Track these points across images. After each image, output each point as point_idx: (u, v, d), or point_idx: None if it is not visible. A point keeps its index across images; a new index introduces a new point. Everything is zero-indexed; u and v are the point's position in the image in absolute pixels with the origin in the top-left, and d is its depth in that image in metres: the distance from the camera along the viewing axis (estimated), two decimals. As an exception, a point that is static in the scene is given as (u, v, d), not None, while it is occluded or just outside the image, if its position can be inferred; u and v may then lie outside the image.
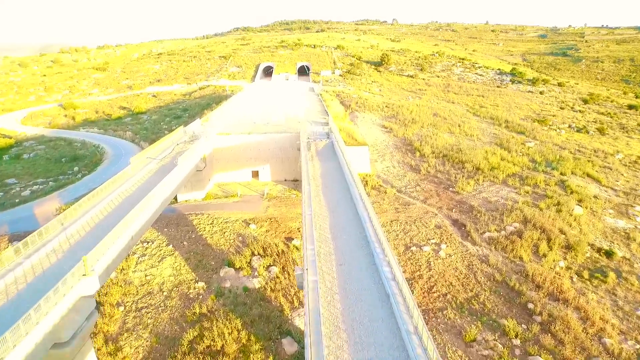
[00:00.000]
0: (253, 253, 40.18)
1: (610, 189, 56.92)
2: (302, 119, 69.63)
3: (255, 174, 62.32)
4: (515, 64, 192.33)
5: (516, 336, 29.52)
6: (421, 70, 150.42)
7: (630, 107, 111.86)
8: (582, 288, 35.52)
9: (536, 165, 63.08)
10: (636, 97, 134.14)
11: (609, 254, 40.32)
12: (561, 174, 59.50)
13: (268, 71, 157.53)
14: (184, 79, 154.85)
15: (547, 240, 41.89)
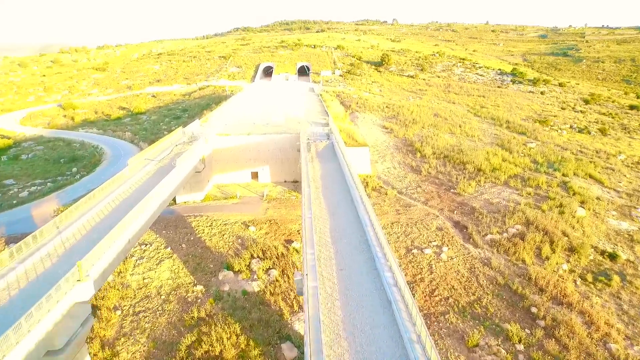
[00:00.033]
0: (252, 256, 39.64)
1: (613, 190, 56.36)
2: (302, 120, 69.20)
3: (254, 175, 61.83)
4: (516, 64, 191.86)
5: (520, 341, 29.01)
6: (421, 70, 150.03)
7: (631, 108, 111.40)
8: (586, 291, 35.01)
9: (538, 166, 62.57)
10: (637, 98, 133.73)
11: (612, 257, 39.84)
12: (563, 175, 58.96)
13: (268, 71, 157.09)
14: (184, 79, 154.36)
15: (550, 243, 41.38)
